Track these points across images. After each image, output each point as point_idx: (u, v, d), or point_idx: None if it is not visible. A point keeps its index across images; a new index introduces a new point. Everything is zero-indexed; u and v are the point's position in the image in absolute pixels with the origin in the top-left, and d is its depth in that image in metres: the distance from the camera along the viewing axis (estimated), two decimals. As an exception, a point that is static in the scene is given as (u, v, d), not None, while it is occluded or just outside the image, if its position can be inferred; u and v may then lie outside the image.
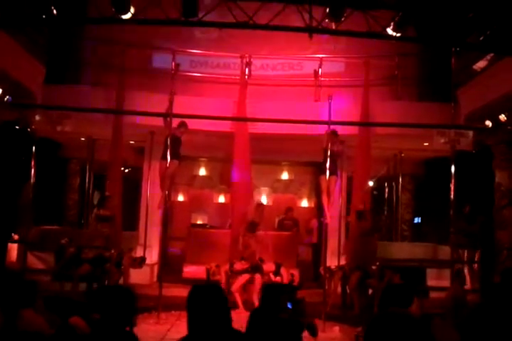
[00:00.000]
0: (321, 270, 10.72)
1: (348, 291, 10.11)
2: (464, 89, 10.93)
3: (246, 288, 10.06)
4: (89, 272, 9.33)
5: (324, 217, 10.56)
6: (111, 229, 9.95)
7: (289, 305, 5.46)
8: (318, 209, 13.03)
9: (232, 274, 10.12)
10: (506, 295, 4.85)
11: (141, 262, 10.69)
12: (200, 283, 11.69)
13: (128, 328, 3.42)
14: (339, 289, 10.45)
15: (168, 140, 10.04)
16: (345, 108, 11.00)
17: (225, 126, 11.30)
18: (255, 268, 10.02)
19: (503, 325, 3.98)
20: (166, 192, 10.53)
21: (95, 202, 11.31)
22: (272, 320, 4.60)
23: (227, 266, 10.28)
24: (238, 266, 10.14)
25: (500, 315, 4.11)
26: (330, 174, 10.12)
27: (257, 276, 9.89)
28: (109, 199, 10.26)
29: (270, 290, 4.95)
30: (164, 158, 10.26)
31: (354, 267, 10.10)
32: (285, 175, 14.79)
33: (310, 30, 7.50)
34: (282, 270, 10.22)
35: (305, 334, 4.92)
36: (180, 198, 14.53)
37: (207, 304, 3.22)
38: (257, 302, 9.44)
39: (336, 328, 8.89)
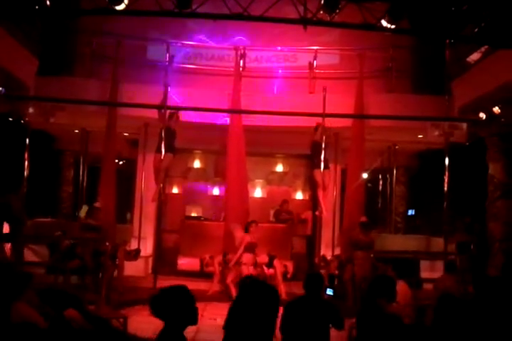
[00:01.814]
0: (317, 260, 10.76)
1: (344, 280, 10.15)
2: (458, 81, 10.94)
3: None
4: (80, 266, 9.32)
5: (320, 210, 10.59)
6: (98, 237, 9.89)
7: (331, 292, 5.94)
8: (313, 202, 13.05)
9: (226, 266, 10.16)
10: (503, 290, 4.89)
11: (136, 254, 10.69)
12: (194, 275, 11.69)
13: None
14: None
15: (163, 133, 10.02)
16: (339, 100, 10.98)
17: (220, 118, 11.28)
18: None
19: (495, 317, 4.01)
20: (161, 185, 10.51)
21: (82, 214, 11.18)
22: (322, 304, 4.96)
23: (220, 257, 10.31)
24: (232, 257, 10.19)
25: (494, 308, 4.15)
26: (324, 168, 10.16)
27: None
28: (98, 210, 10.19)
29: (314, 279, 5.10)
30: (159, 151, 10.23)
31: (349, 257, 10.12)
32: (280, 168, 14.78)
33: (304, 21, 7.48)
34: (275, 262, 10.26)
35: None
36: (175, 190, 14.50)
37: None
38: None
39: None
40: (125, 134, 12.85)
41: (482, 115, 10.32)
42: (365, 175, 12.11)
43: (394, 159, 13.68)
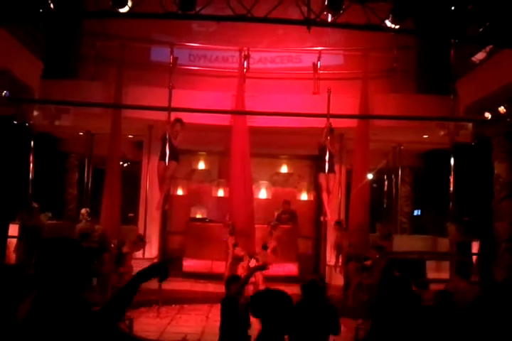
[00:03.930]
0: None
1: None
2: (463, 81, 10.90)
3: None
4: None
5: (324, 214, 10.56)
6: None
7: None
8: (317, 204, 13.03)
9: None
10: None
11: (141, 239, 10.65)
12: (200, 276, 11.65)
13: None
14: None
15: (167, 141, 9.96)
16: (344, 101, 10.97)
17: (224, 120, 11.27)
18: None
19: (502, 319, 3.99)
20: (165, 194, 10.41)
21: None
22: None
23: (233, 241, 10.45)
24: (238, 251, 10.30)
25: (501, 310, 4.12)
26: (328, 171, 10.11)
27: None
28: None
29: (311, 286, 5.04)
30: (162, 158, 10.17)
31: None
32: (284, 169, 14.79)
33: (308, 22, 7.46)
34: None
35: None
36: (179, 192, 14.51)
37: None
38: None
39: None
40: (129, 136, 12.87)
41: (487, 115, 10.27)
42: (370, 176, 12.08)
43: (399, 159, 13.66)
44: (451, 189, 10.62)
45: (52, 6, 7.26)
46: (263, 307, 3.19)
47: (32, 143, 11.64)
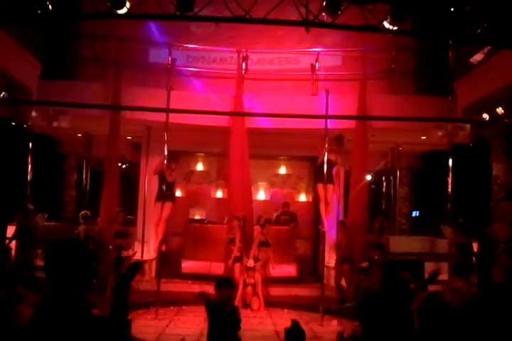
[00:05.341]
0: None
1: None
2: (461, 82, 10.91)
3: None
4: None
5: (322, 225, 10.54)
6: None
7: None
8: (316, 206, 13.02)
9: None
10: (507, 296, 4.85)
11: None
12: (198, 278, 11.67)
13: None
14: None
15: (163, 179, 9.89)
16: (342, 102, 10.97)
17: (222, 121, 11.27)
18: None
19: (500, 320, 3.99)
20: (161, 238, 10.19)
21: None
22: None
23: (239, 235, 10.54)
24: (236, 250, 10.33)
25: (499, 312, 4.12)
26: (327, 182, 10.08)
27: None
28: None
29: (294, 335, 4.98)
30: (158, 199, 10.03)
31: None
32: (283, 170, 14.79)
33: (306, 23, 7.46)
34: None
35: None
36: (178, 194, 14.49)
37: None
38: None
39: (335, 322, 8.94)
40: (128, 138, 12.85)
41: (486, 116, 10.27)
42: (368, 177, 12.07)
43: (397, 160, 13.65)
44: (450, 190, 10.60)
45: (50, 7, 7.26)
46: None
47: (30, 144, 11.64)
